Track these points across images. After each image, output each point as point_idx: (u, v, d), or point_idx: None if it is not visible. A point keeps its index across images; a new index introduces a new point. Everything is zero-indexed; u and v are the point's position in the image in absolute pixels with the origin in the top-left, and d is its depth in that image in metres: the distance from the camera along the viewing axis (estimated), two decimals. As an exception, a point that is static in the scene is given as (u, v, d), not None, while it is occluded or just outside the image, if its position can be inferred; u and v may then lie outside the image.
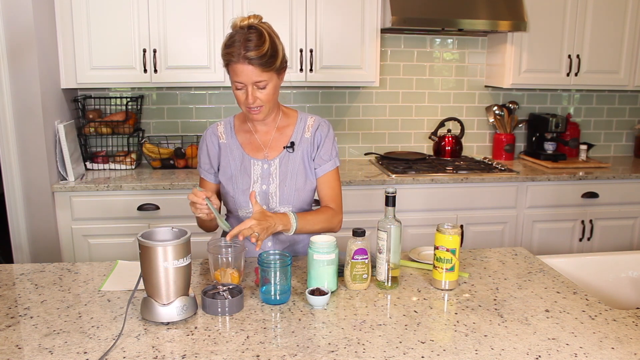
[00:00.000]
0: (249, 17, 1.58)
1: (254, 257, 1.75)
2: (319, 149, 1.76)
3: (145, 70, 2.96)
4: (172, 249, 1.31)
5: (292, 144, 1.75)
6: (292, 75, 3.06)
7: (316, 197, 1.83)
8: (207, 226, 1.79)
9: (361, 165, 3.36)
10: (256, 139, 1.77)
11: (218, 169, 1.79)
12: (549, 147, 3.49)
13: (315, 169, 1.77)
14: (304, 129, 1.76)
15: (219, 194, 1.83)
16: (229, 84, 3.05)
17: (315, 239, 1.50)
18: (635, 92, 3.81)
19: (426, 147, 3.65)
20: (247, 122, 1.78)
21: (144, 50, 2.94)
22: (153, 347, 1.22)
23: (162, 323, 1.32)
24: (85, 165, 3.13)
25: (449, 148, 3.47)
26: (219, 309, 1.37)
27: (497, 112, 3.60)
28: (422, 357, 1.19)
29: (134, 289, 1.36)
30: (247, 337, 1.26)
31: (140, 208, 2.86)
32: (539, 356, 1.20)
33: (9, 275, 1.63)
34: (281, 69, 1.64)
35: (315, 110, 3.47)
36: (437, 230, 1.54)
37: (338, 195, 1.79)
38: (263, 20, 1.62)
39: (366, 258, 1.52)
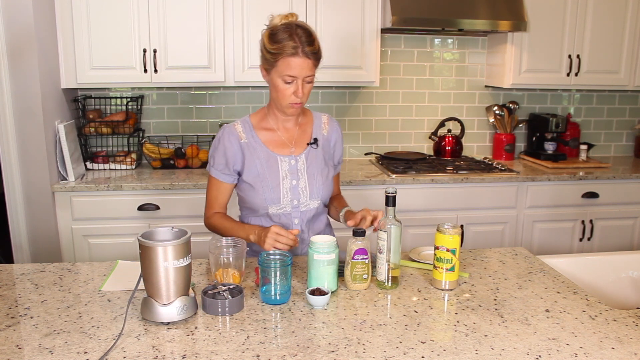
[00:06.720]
0: (290, 15, 1.64)
1: (254, 257, 1.76)
2: (334, 153, 1.88)
3: (145, 70, 2.96)
4: (172, 249, 1.31)
5: (316, 140, 1.82)
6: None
7: None
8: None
9: (361, 165, 3.36)
10: (280, 136, 1.79)
11: (240, 171, 1.77)
12: (549, 147, 3.49)
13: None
14: (321, 126, 1.86)
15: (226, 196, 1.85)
16: (229, 84, 3.09)
17: (315, 239, 1.50)
18: (635, 92, 3.81)
19: (426, 147, 3.65)
20: (268, 119, 1.80)
21: (144, 50, 2.94)
22: (153, 347, 1.22)
23: (162, 323, 1.32)
24: (85, 165, 3.13)
25: (449, 148, 3.47)
26: (219, 309, 1.37)
27: (497, 112, 3.60)
28: (422, 357, 1.19)
29: (134, 289, 1.36)
30: (247, 337, 1.26)
31: (141, 208, 2.86)
32: (539, 356, 1.20)
33: (9, 275, 1.63)
34: None
35: (315, 110, 3.46)
36: (437, 230, 1.54)
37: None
38: (299, 19, 1.67)
39: (366, 258, 1.52)
